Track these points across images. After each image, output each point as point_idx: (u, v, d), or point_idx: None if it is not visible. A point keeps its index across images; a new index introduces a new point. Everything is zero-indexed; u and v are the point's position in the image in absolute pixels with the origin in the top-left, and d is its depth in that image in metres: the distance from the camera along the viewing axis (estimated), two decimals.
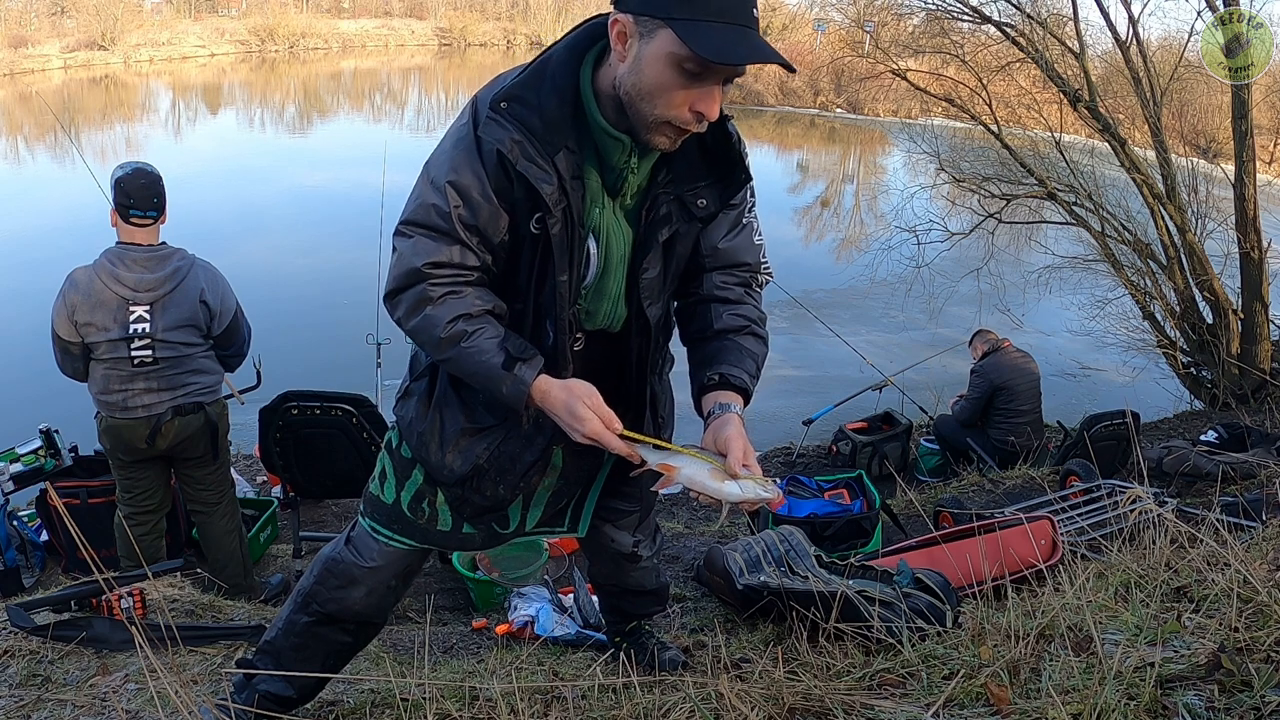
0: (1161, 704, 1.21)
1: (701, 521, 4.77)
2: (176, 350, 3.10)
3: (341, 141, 20.53)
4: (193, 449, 3.27)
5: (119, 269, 3.00)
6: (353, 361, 5.80)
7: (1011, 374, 5.66)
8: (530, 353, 1.42)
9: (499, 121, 1.33)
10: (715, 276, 1.57)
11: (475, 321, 1.42)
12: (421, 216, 1.39)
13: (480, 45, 38.38)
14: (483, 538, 1.70)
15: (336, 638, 1.78)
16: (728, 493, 1.34)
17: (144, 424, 3.12)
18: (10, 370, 7.50)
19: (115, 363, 3.05)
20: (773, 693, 1.42)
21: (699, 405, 1.51)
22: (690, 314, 1.60)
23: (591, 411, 1.37)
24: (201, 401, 3.21)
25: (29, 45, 27.68)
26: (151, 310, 3.02)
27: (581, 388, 1.39)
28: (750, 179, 1.51)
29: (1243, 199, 6.78)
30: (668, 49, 1.23)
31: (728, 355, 1.52)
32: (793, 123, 26.04)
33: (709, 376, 1.49)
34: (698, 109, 1.28)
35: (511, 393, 1.40)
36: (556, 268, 1.40)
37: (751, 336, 1.56)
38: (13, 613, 2.29)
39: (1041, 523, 3.03)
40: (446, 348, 1.42)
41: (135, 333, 3.01)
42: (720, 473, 1.35)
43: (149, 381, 3.08)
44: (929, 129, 10.03)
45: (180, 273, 3.08)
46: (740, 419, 1.43)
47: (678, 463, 1.37)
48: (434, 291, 1.40)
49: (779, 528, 2.82)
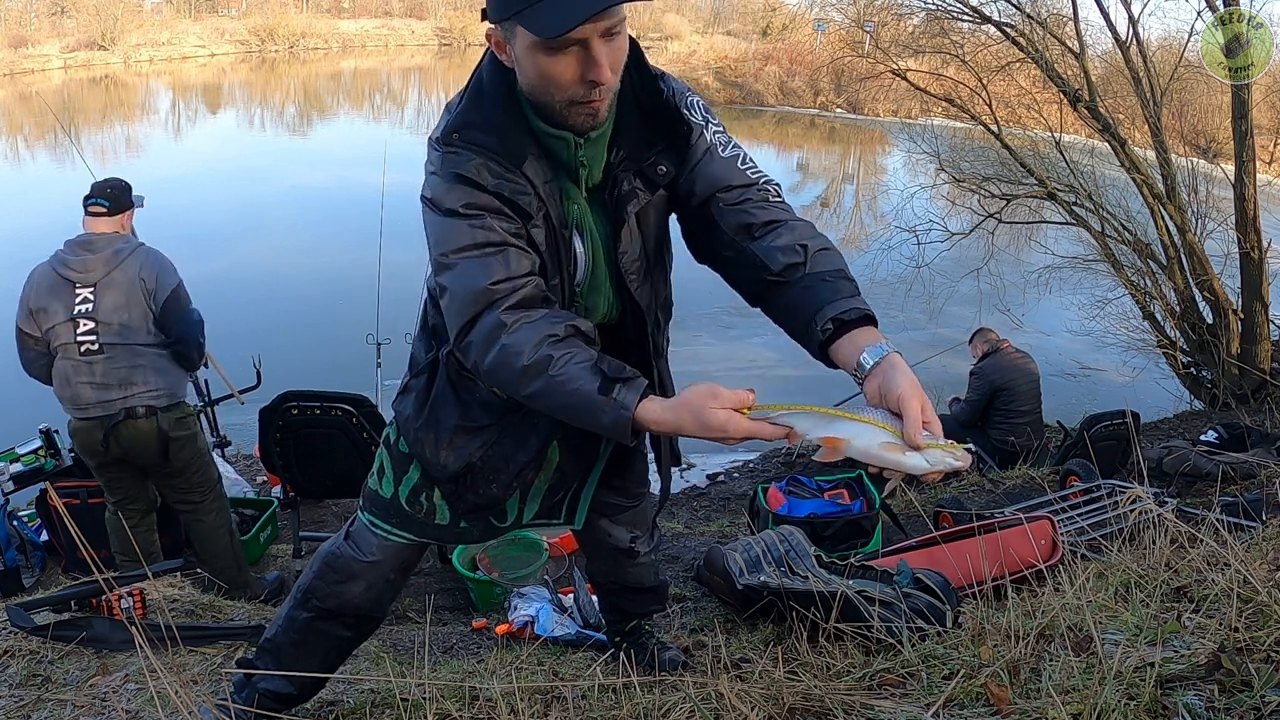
0: (1161, 704, 1.21)
1: (701, 521, 4.77)
2: (122, 337, 3.09)
3: (341, 141, 20.56)
4: (146, 456, 3.21)
5: (68, 255, 3.11)
6: (353, 361, 5.80)
7: (1011, 374, 5.66)
8: (629, 373, 1.26)
9: (458, 152, 1.33)
10: (720, 204, 1.41)
11: (562, 345, 1.28)
12: (457, 240, 1.32)
13: (480, 45, 37.98)
14: (480, 531, 1.72)
15: (336, 633, 1.79)
16: (912, 465, 1.15)
17: (98, 426, 3.10)
18: (10, 370, 7.48)
19: (65, 351, 3.08)
20: (773, 693, 1.42)
21: (829, 361, 1.30)
22: (737, 266, 1.41)
23: (728, 411, 1.20)
24: (154, 406, 3.13)
25: (29, 45, 27.70)
26: (95, 291, 3.07)
27: (697, 396, 1.21)
28: (691, 127, 1.42)
29: (1243, 199, 6.78)
30: (526, 41, 1.25)
31: (819, 293, 1.31)
32: (793, 123, 26.03)
33: (822, 329, 1.28)
34: (588, 78, 1.26)
35: (613, 421, 1.23)
36: (548, 273, 1.39)
37: (821, 253, 1.35)
38: (13, 613, 2.30)
39: (1041, 523, 3.03)
40: (532, 379, 1.27)
41: (79, 313, 3.06)
42: (895, 439, 1.16)
43: (96, 376, 3.08)
44: (929, 129, 10.04)
45: (120, 254, 3.12)
46: (903, 361, 1.24)
47: (844, 433, 1.17)
48: (507, 318, 1.29)
49: (779, 528, 2.82)
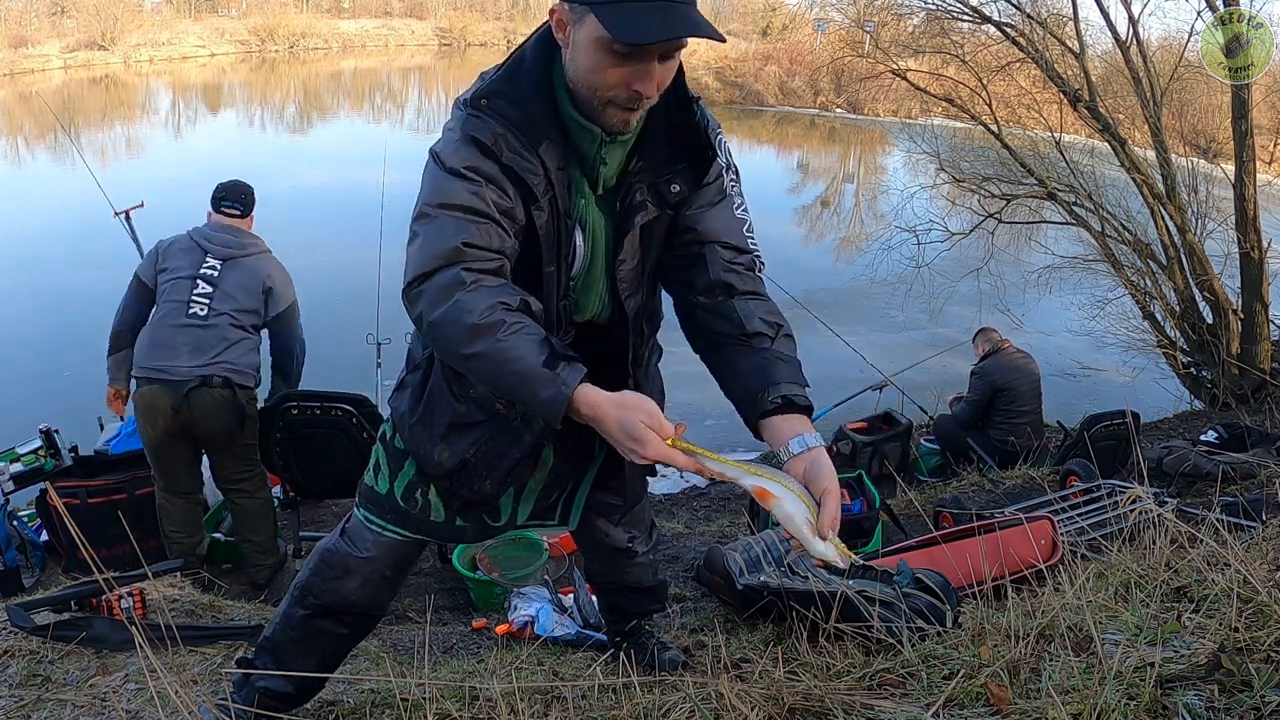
0: (1161, 704, 1.21)
1: (701, 521, 4.77)
2: (229, 315, 3.35)
3: (341, 141, 20.54)
4: (215, 425, 3.34)
5: (208, 230, 3.48)
6: (353, 361, 5.80)
7: (1012, 374, 5.66)
8: (575, 355, 1.28)
9: (480, 117, 1.34)
10: (716, 254, 1.46)
11: (515, 314, 1.29)
12: (447, 197, 1.32)
13: (480, 45, 38.36)
14: (474, 530, 1.71)
15: (333, 631, 1.78)
16: (816, 549, 1.27)
17: (175, 390, 3.24)
18: (10, 370, 7.50)
19: (173, 310, 3.32)
20: (773, 693, 1.42)
21: (757, 429, 1.39)
22: (711, 314, 1.46)
23: (652, 430, 1.22)
24: (234, 381, 3.32)
25: (29, 45, 27.68)
26: (224, 265, 3.40)
27: (635, 401, 1.24)
28: (717, 156, 1.46)
29: (1243, 199, 6.78)
30: (595, 33, 1.25)
31: (779, 371, 1.39)
32: (793, 123, 26.04)
33: (771, 400, 1.36)
34: (634, 89, 1.28)
35: (550, 396, 1.24)
36: (544, 259, 1.40)
37: (787, 339, 1.46)
38: (13, 613, 2.29)
39: (1041, 523, 3.03)
40: (478, 339, 1.26)
41: (203, 275, 3.36)
42: (812, 519, 1.28)
43: (195, 340, 3.29)
44: (929, 129, 10.04)
45: (255, 247, 3.50)
46: (828, 458, 1.35)
47: (777, 492, 1.28)
48: (467, 276, 1.29)
49: (779, 528, 2.82)
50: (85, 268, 9.29)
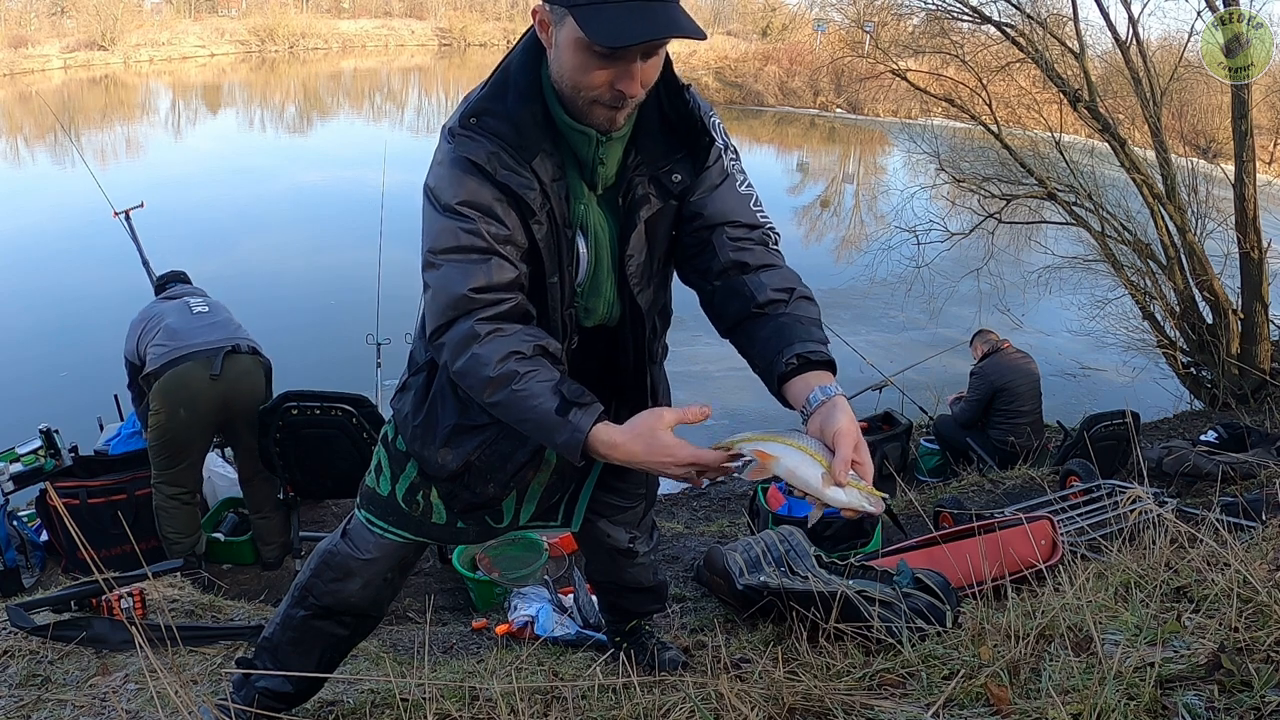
0: (1161, 704, 1.21)
1: (701, 521, 4.77)
2: (228, 311, 3.71)
3: (341, 141, 20.55)
4: (251, 392, 3.52)
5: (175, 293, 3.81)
6: (353, 361, 5.80)
7: (1011, 375, 5.66)
8: (587, 398, 1.31)
9: (471, 137, 1.33)
10: (724, 236, 1.45)
11: (528, 362, 1.32)
12: (448, 241, 1.33)
13: (480, 45, 38.36)
14: (476, 532, 1.71)
15: (333, 631, 1.78)
16: (830, 496, 1.19)
17: (208, 358, 3.41)
18: (10, 370, 7.50)
19: (179, 311, 3.59)
20: (773, 693, 1.42)
21: (782, 395, 1.35)
22: (725, 294, 1.45)
23: (674, 437, 1.25)
24: (256, 348, 3.61)
25: (29, 45, 27.68)
26: (207, 300, 3.77)
27: (648, 423, 1.27)
28: (714, 141, 1.45)
29: (1243, 199, 6.78)
30: (575, 34, 1.23)
31: (793, 331, 1.37)
32: (793, 123, 26.04)
33: (786, 362, 1.33)
34: (618, 89, 1.27)
35: (567, 442, 1.29)
36: (546, 271, 1.39)
37: (803, 300, 1.43)
38: (13, 613, 2.29)
39: (1041, 523, 3.03)
40: (496, 390, 1.32)
41: (192, 300, 3.68)
42: (822, 469, 1.20)
43: (207, 324, 3.57)
44: (929, 129, 10.04)
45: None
46: (848, 404, 1.28)
47: (776, 451, 1.22)
48: (481, 328, 1.32)
49: (779, 528, 2.82)
50: (85, 268, 9.31)
